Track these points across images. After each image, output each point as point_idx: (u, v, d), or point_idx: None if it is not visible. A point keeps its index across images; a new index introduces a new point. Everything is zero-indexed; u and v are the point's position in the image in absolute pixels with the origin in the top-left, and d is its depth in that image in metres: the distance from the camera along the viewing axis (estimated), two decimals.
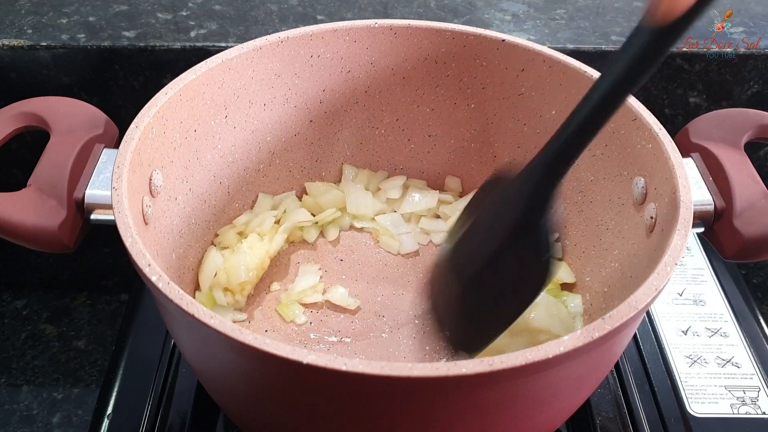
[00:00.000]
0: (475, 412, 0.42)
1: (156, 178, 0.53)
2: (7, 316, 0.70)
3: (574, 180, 0.62)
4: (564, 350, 0.38)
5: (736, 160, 0.54)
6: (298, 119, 0.65)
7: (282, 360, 0.37)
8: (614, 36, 0.78)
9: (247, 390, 0.47)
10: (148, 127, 0.51)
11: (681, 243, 0.45)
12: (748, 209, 0.52)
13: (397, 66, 0.64)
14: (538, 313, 0.56)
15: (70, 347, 0.67)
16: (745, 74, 0.77)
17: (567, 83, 0.59)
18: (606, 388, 0.59)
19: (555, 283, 0.63)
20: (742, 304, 0.67)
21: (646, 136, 0.53)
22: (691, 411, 0.58)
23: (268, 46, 0.59)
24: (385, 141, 0.69)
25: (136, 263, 0.43)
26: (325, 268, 0.65)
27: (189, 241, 0.60)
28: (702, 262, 0.70)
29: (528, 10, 0.82)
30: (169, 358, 0.60)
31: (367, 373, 0.37)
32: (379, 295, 0.62)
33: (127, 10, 0.79)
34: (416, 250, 0.67)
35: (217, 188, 0.62)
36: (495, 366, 0.37)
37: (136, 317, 0.64)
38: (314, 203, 0.68)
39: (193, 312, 0.40)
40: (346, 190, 0.68)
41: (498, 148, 0.67)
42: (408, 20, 0.63)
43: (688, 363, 0.61)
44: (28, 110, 0.56)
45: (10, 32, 0.74)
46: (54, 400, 0.63)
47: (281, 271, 0.65)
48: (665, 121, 0.76)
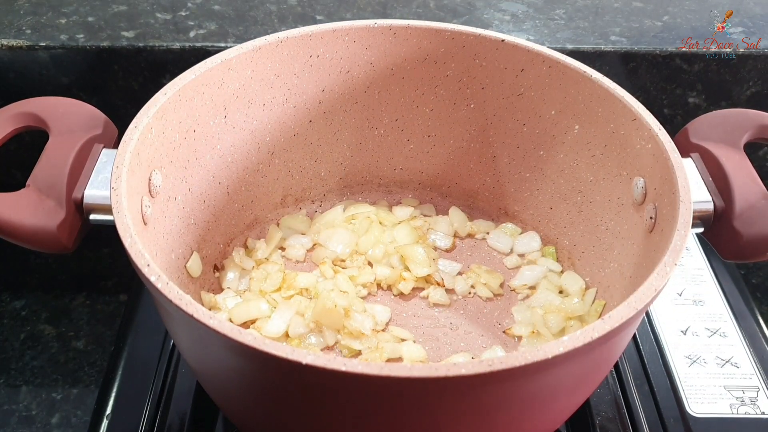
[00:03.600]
0: (475, 413, 0.42)
1: (155, 178, 0.53)
2: (6, 316, 0.70)
3: (574, 180, 0.62)
4: (563, 350, 0.38)
5: (735, 161, 0.54)
6: (297, 119, 0.65)
7: (281, 360, 0.37)
8: (613, 36, 0.78)
9: (247, 390, 0.47)
10: (147, 127, 0.51)
11: (680, 243, 0.45)
12: (748, 210, 0.52)
13: (396, 66, 0.64)
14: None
15: (69, 348, 0.67)
16: (744, 74, 0.77)
17: (566, 83, 0.59)
18: (605, 389, 0.59)
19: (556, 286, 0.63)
20: (742, 305, 0.67)
21: (646, 136, 0.53)
22: (690, 411, 0.58)
23: (267, 46, 0.59)
24: (385, 141, 0.69)
25: (135, 263, 0.43)
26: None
27: (188, 242, 0.60)
28: (701, 263, 0.70)
29: (527, 10, 0.82)
30: (168, 359, 0.60)
31: (366, 373, 0.37)
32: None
33: (126, 11, 0.79)
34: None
35: (217, 188, 0.62)
36: (494, 366, 0.37)
37: (135, 318, 0.64)
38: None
39: (192, 312, 0.40)
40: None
41: (497, 149, 0.67)
42: (407, 20, 0.62)
43: (688, 363, 0.61)
44: (27, 110, 0.56)
45: (9, 32, 0.74)
46: (53, 401, 0.63)
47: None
48: (664, 121, 0.76)
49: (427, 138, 0.69)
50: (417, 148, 0.69)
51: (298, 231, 0.69)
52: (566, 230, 0.65)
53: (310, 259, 0.67)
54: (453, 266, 0.66)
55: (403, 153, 0.70)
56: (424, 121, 0.68)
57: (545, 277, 0.64)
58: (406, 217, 0.70)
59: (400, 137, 0.69)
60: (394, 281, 0.64)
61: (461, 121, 0.67)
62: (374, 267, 0.65)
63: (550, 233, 0.66)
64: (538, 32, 0.78)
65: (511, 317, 0.62)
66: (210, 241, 0.63)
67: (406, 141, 0.69)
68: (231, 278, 0.63)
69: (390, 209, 0.71)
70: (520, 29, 0.79)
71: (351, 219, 0.69)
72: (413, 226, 0.69)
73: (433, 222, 0.70)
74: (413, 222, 0.69)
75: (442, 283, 0.64)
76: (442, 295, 0.63)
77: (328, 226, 0.68)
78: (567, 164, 0.63)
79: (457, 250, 0.68)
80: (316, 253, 0.67)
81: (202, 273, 0.61)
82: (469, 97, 0.65)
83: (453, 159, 0.69)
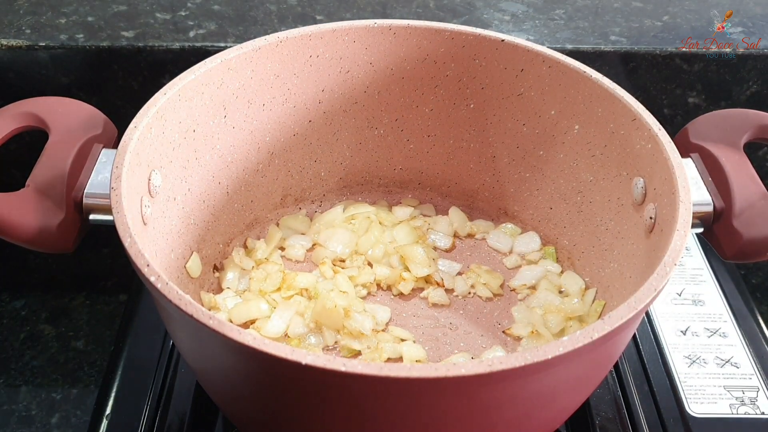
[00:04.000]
0: (474, 413, 0.42)
1: (155, 178, 0.53)
2: (5, 316, 0.70)
3: (574, 180, 0.62)
4: (563, 351, 0.38)
5: (735, 161, 0.54)
6: (297, 119, 0.65)
7: (281, 360, 0.37)
8: (613, 36, 0.78)
9: (246, 390, 0.47)
10: (146, 127, 0.51)
11: (680, 243, 0.45)
12: (748, 210, 0.52)
13: (396, 66, 0.64)
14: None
15: (69, 347, 0.67)
16: (744, 74, 0.77)
17: (566, 83, 0.59)
18: (605, 389, 0.59)
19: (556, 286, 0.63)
20: (741, 305, 0.66)
21: (646, 136, 0.53)
22: (690, 411, 0.58)
23: (267, 46, 0.59)
24: (384, 141, 0.69)
25: (134, 263, 0.43)
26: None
27: (188, 242, 0.60)
28: (701, 263, 0.70)
29: (527, 10, 0.82)
30: (168, 359, 0.60)
31: (366, 373, 0.37)
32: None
33: (125, 10, 0.79)
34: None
35: (216, 188, 0.62)
36: (494, 367, 0.37)
37: (135, 318, 0.64)
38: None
39: (192, 312, 0.40)
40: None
41: (497, 149, 0.67)
42: (407, 20, 0.62)
43: (687, 363, 0.61)
44: (27, 110, 0.56)
45: (9, 32, 0.74)
46: (53, 401, 0.63)
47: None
48: (664, 121, 0.76)
49: (426, 138, 0.69)
50: (417, 148, 0.69)
51: (297, 231, 0.69)
52: (566, 230, 0.65)
53: (309, 259, 0.67)
54: (453, 266, 0.66)
55: (402, 153, 0.70)
56: (423, 121, 0.68)
57: (545, 277, 0.64)
58: (405, 217, 0.70)
59: (399, 137, 0.69)
60: (393, 281, 0.64)
61: (461, 121, 0.67)
62: (374, 267, 0.65)
63: (549, 233, 0.66)
64: (537, 32, 0.78)
65: (510, 317, 0.62)
66: (210, 241, 0.63)
67: (405, 141, 0.69)
68: (231, 278, 0.63)
69: (390, 209, 0.71)
70: (519, 29, 0.79)
71: (351, 219, 0.69)
72: (413, 226, 0.69)
73: (433, 222, 0.70)
74: (413, 222, 0.69)
75: (442, 283, 0.64)
76: (442, 295, 0.63)
77: (328, 226, 0.68)
78: (567, 164, 0.63)
79: (456, 250, 0.68)
80: (316, 253, 0.67)
81: (202, 273, 0.61)
82: (469, 97, 0.65)
83: (453, 159, 0.69)
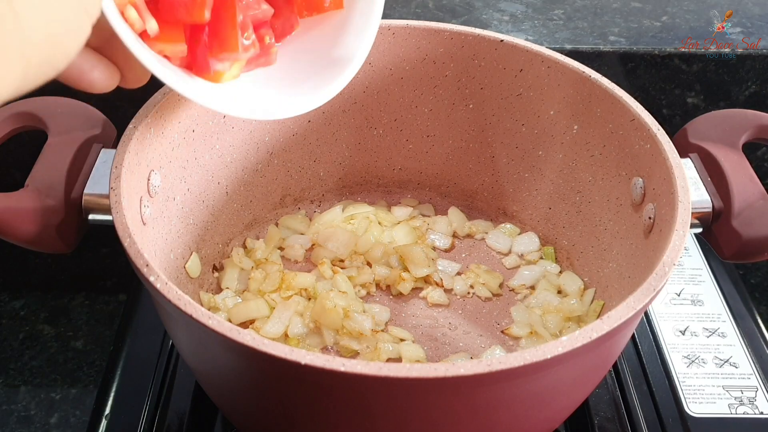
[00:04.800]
0: (474, 413, 0.42)
1: (154, 178, 0.53)
2: (4, 316, 0.70)
3: (573, 180, 0.62)
4: (562, 351, 0.38)
5: (734, 161, 0.54)
6: (296, 119, 0.65)
7: (280, 360, 0.37)
8: (612, 36, 0.78)
9: (245, 390, 0.47)
10: (146, 127, 0.51)
11: (679, 243, 0.45)
12: (747, 210, 0.52)
13: (395, 66, 0.64)
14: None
15: (68, 347, 0.67)
16: (743, 74, 0.77)
17: (565, 83, 0.59)
18: (604, 388, 0.59)
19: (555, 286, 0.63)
20: (740, 305, 0.67)
21: (645, 136, 0.53)
22: (688, 411, 0.58)
23: None
24: (383, 141, 0.69)
25: (134, 263, 0.43)
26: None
27: (187, 242, 0.60)
28: (700, 263, 0.71)
29: (526, 10, 0.82)
30: (167, 359, 0.60)
31: (365, 373, 0.37)
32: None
33: None
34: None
35: (216, 188, 0.62)
36: (493, 367, 0.37)
37: (134, 317, 0.64)
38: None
39: (191, 312, 0.40)
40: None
41: (496, 149, 0.67)
42: (406, 20, 0.62)
43: (686, 363, 0.61)
44: (26, 110, 0.56)
45: None
46: (52, 401, 0.63)
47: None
48: (663, 121, 0.76)
49: (425, 138, 0.69)
50: (416, 148, 0.69)
51: (297, 231, 0.69)
52: (565, 230, 0.65)
53: (309, 260, 0.67)
54: (452, 266, 0.66)
55: (401, 153, 0.70)
56: (422, 121, 0.68)
57: (544, 277, 0.64)
58: (405, 217, 0.70)
59: (398, 137, 0.69)
60: (393, 281, 0.64)
61: (460, 121, 0.67)
62: (373, 267, 0.65)
63: (548, 233, 0.66)
64: (536, 32, 0.78)
65: (509, 317, 0.62)
66: (209, 241, 0.63)
67: (404, 141, 0.69)
68: (230, 278, 0.63)
69: (389, 209, 0.71)
70: (518, 29, 0.79)
71: (350, 219, 0.69)
72: (412, 226, 0.69)
73: (432, 222, 0.70)
74: (412, 222, 0.69)
75: (441, 283, 0.64)
76: (441, 295, 0.63)
77: (327, 226, 0.68)
78: (566, 164, 0.63)
79: (456, 250, 0.68)
80: (315, 253, 0.67)
81: (201, 273, 0.61)
82: (468, 97, 0.65)
83: (452, 159, 0.69)
